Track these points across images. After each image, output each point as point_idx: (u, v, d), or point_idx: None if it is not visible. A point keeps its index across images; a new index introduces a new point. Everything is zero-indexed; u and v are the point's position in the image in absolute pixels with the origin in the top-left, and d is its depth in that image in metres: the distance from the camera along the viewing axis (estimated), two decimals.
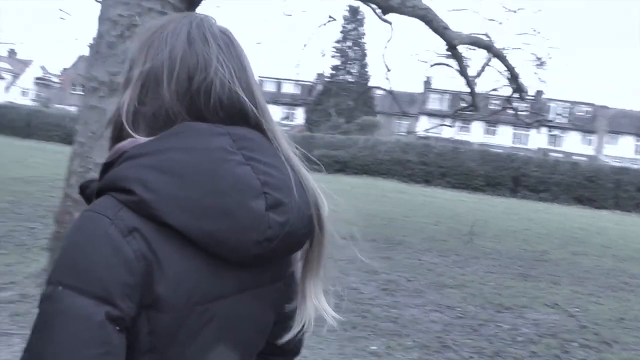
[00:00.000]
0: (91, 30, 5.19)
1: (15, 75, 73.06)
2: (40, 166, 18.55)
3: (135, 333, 0.93)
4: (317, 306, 1.15)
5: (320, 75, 60.25)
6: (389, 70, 10.55)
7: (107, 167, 1.00)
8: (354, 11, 53.61)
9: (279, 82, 63.15)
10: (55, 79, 74.75)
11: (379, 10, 8.33)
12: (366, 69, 56.34)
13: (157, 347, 0.95)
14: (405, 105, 49.31)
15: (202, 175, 0.94)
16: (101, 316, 0.88)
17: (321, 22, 10.67)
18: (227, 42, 1.07)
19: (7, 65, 72.74)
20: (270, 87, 63.65)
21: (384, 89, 12.14)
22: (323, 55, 15.52)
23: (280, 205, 0.99)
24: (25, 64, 76.19)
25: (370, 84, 43.56)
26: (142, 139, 1.01)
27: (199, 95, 1.02)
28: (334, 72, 57.06)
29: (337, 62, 56.89)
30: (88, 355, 0.87)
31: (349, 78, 55.52)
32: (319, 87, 57.52)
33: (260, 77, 64.90)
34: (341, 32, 56.23)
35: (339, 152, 35.23)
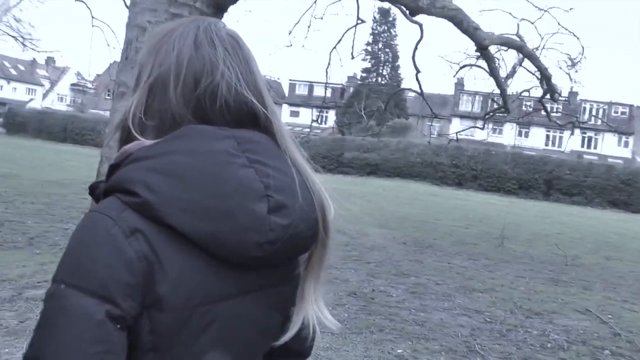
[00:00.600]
0: (123, 37, 5.26)
1: (53, 82, 74.66)
2: (75, 169, 18.92)
3: (137, 332, 0.94)
4: (315, 310, 1.14)
5: (351, 78, 60.20)
6: (419, 71, 10.44)
7: (113, 168, 1.02)
8: (384, 13, 53.42)
9: (310, 85, 63.20)
10: (90, 85, 75.99)
11: (407, 12, 8.28)
12: (398, 71, 56.18)
13: (159, 346, 0.96)
14: (437, 107, 48.90)
15: (204, 177, 0.96)
16: (102, 315, 0.89)
17: (351, 25, 10.61)
18: (234, 46, 1.08)
19: (45, 73, 74.44)
20: (301, 90, 63.77)
21: (414, 91, 12.04)
22: (353, 58, 15.49)
23: (283, 208, 1.00)
24: (62, 71, 77.69)
25: (402, 86, 43.34)
26: (147, 142, 1.03)
27: (205, 99, 1.03)
28: (365, 74, 56.97)
29: (368, 64, 56.81)
30: (88, 353, 0.88)
31: (381, 80, 55.37)
32: (350, 90, 57.44)
33: (291, 80, 65.10)
34: (371, 34, 56.12)
35: (370, 155, 35.18)
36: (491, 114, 11.87)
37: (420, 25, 9.46)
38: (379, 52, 57.05)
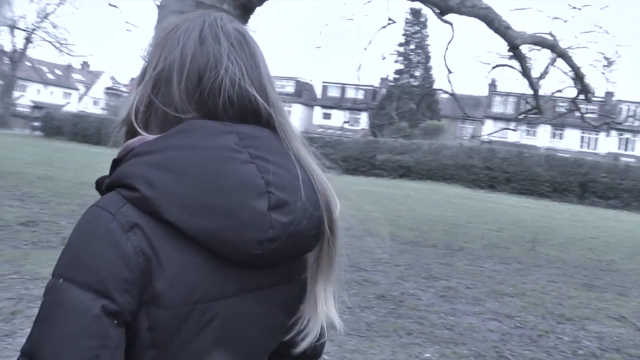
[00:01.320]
0: None
1: (88, 86, 76.10)
2: (107, 171, 19.12)
3: (135, 328, 0.94)
4: (325, 311, 1.13)
5: (384, 80, 60.01)
6: (450, 72, 10.38)
7: (116, 163, 1.03)
8: (416, 13, 53.15)
9: (342, 87, 63.16)
10: (124, 88, 77.24)
11: (438, 11, 8.21)
12: (430, 73, 55.80)
13: (158, 343, 0.96)
14: (470, 108, 48.59)
15: (204, 173, 0.95)
16: (97, 309, 0.89)
17: (382, 26, 10.58)
18: (240, 41, 1.08)
19: (80, 77, 75.94)
20: (334, 92, 63.73)
21: (446, 91, 11.97)
22: (383, 58, 15.38)
23: (284, 205, 0.99)
24: (97, 75, 79.17)
25: (434, 87, 43.07)
26: (150, 137, 1.02)
27: (209, 94, 1.02)
28: (397, 76, 56.73)
29: (400, 66, 56.55)
30: (84, 348, 0.88)
31: (413, 82, 55.07)
32: (383, 92, 57.25)
33: (324, 82, 65.09)
34: (403, 35, 55.85)
35: (402, 157, 35.00)
36: (524, 115, 11.71)
37: (452, 25, 9.38)
38: (411, 54, 56.75)
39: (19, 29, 43.26)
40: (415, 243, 11.11)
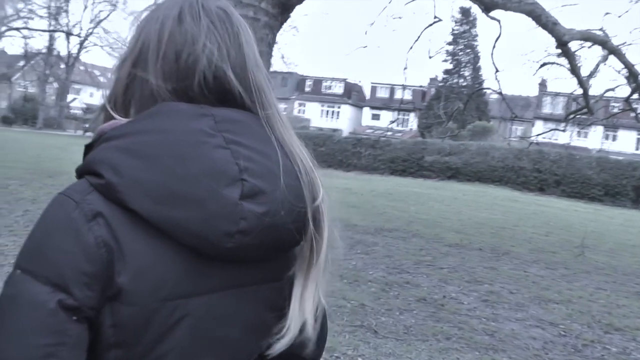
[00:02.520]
0: None
1: None
2: None
3: (99, 326, 0.88)
4: (301, 313, 1.02)
5: (432, 80, 59.39)
6: (497, 70, 10.15)
7: (88, 149, 0.97)
8: (465, 12, 52.39)
9: (391, 88, 62.74)
10: None
11: (484, 8, 8.04)
12: (479, 73, 54.95)
13: (123, 342, 0.89)
14: (520, 109, 47.69)
15: (173, 158, 0.88)
16: (53, 304, 0.84)
17: (428, 24, 10.43)
18: (222, 18, 1.01)
19: None
20: (383, 93, 63.39)
21: (493, 90, 11.72)
22: (430, 57, 15.19)
23: (259, 194, 0.91)
24: None
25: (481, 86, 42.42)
26: (122, 120, 0.97)
27: (186, 75, 0.96)
28: (446, 76, 56.07)
29: (449, 65, 55.87)
30: (37, 345, 0.83)
31: (462, 82, 54.33)
32: (432, 92, 56.66)
33: (373, 83, 64.79)
34: (452, 34, 55.15)
35: (451, 158, 34.59)
36: (572, 115, 11.39)
37: (499, 22, 9.17)
38: (460, 53, 56.01)
39: (73, 34, 44.89)
40: (460, 246, 10.95)
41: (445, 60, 55.50)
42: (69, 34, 45.49)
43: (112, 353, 0.90)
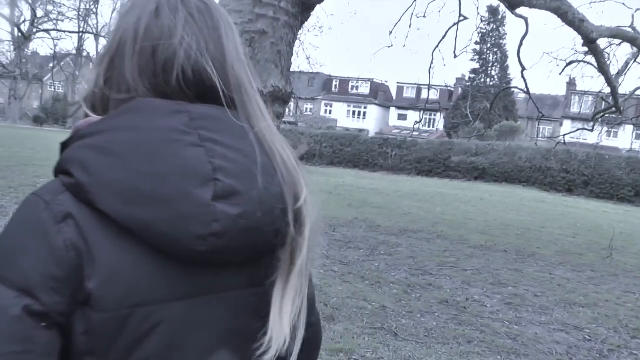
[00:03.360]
0: None
1: None
2: None
3: (70, 332, 0.85)
4: (282, 322, 0.96)
5: (459, 80, 58.89)
6: (524, 69, 9.97)
7: (63, 148, 0.94)
8: (493, 11, 51.80)
9: (418, 88, 62.31)
10: None
11: (508, 5, 7.91)
12: (507, 72, 54.33)
13: (95, 350, 0.86)
14: (548, 109, 47.02)
15: (143, 157, 0.85)
16: (19, 310, 0.80)
17: (454, 23, 10.31)
18: (202, 11, 0.98)
19: None
20: (409, 93, 63.03)
21: (520, 89, 11.54)
22: (455, 57, 14.95)
23: (233, 194, 0.87)
24: None
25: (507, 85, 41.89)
26: (96, 118, 0.94)
27: (162, 69, 0.93)
28: (473, 75, 55.56)
29: (476, 65, 55.37)
30: (2, 353, 0.79)
31: (489, 81, 53.79)
32: (459, 92, 56.19)
33: (399, 83, 64.47)
34: (479, 33, 54.59)
35: (477, 159, 34.25)
36: (601, 115, 11.17)
37: (526, 20, 9.02)
38: (488, 52, 55.44)
39: (102, 36, 45.61)
40: (485, 247, 10.83)
41: (473, 60, 55.04)
42: (97, 35, 46.26)
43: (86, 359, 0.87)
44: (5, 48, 49.57)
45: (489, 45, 55.33)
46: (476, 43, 54.39)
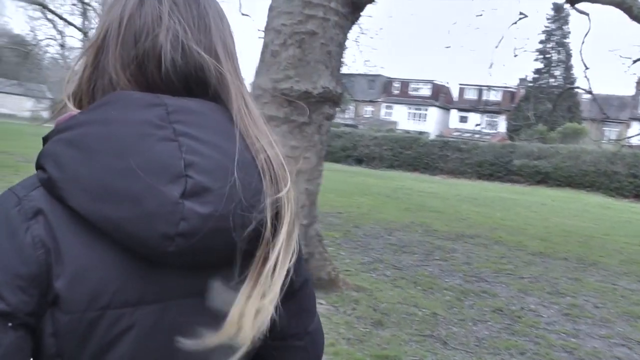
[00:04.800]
0: None
1: None
2: None
3: (40, 333, 0.81)
4: (235, 325, 0.87)
5: (522, 80, 57.59)
6: (587, 68, 9.65)
7: (44, 142, 0.90)
8: (558, 9, 50.39)
9: (479, 89, 61.32)
10: None
11: (567, 1, 7.61)
12: (571, 72, 52.77)
13: (64, 353, 0.82)
14: (615, 110, 45.61)
15: (113, 151, 0.81)
16: None
17: (513, 22, 10.06)
18: (187, 0, 0.94)
19: None
20: (471, 95, 62.08)
21: (582, 89, 11.18)
22: (515, 56, 14.63)
23: (203, 192, 0.82)
24: None
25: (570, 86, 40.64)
26: (75, 112, 0.90)
27: (145, 60, 0.89)
28: (536, 75, 54.24)
29: (540, 65, 54.01)
30: None
31: (552, 82, 52.38)
32: (522, 93, 54.97)
33: (461, 84, 63.57)
34: (543, 32, 53.20)
35: (540, 162, 33.46)
36: None
37: (588, 16, 8.70)
38: (552, 52, 53.99)
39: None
40: (544, 254, 10.50)
41: (536, 60, 53.72)
42: None
43: None
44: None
45: (552, 44, 53.89)
46: (540, 42, 53.15)
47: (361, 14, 5.94)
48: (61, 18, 23.46)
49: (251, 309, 0.87)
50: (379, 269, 8.01)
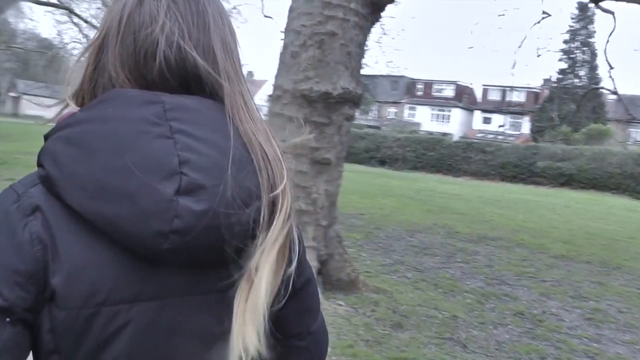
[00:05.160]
0: None
1: (254, 94, 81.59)
2: None
3: (38, 329, 0.83)
4: (241, 332, 0.87)
5: (546, 81, 56.91)
6: (611, 67, 9.49)
7: (45, 140, 0.90)
8: (582, 8, 49.68)
9: (503, 90, 60.77)
10: None
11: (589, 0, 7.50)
12: (596, 72, 51.97)
13: (61, 349, 0.83)
14: None
15: (109, 149, 0.81)
16: None
17: (536, 21, 9.95)
18: None
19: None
20: (494, 96, 61.58)
21: (608, 89, 11.01)
22: (538, 56, 14.42)
23: (198, 189, 0.82)
24: (259, 84, 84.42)
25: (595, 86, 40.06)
26: (75, 109, 0.91)
27: (143, 58, 0.90)
28: (561, 76, 53.54)
29: (564, 65, 53.29)
30: None
31: (577, 82, 51.64)
32: (546, 94, 54.34)
33: (484, 85, 63.07)
34: (568, 31, 52.49)
35: (564, 164, 33.04)
36: None
37: (613, 14, 8.56)
38: (576, 52, 53.24)
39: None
40: (567, 258, 10.37)
41: (561, 60, 53.04)
42: None
43: (54, 358, 0.84)
44: None
45: (577, 43, 53.18)
46: (564, 42, 52.48)
47: (382, 14, 5.92)
48: (86, 22, 23.76)
49: (251, 308, 0.87)
50: (400, 270, 7.98)
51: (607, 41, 8.81)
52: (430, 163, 37.65)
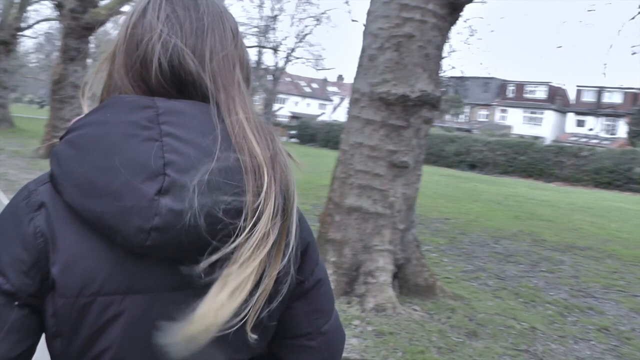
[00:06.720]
0: None
1: (342, 97, 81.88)
2: None
3: (44, 313, 0.92)
4: (201, 318, 0.87)
5: None
6: None
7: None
8: None
9: (599, 91, 58.22)
10: None
11: None
12: None
13: (62, 333, 0.92)
14: None
15: (101, 150, 0.88)
16: None
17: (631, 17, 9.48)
18: (187, 6, 0.99)
19: (335, 89, 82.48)
20: (589, 97, 59.15)
21: None
22: (633, 54, 13.55)
23: (179, 189, 0.86)
24: (348, 88, 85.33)
25: None
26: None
27: (142, 64, 0.96)
28: None
29: None
30: None
31: None
32: None
33: (578, 86, 60.70)
34: None
35: None
36: None
37: None
38: None
39: (279, 50, 48.68)
40: None
41: None
42: (275, 49, 49.44)
43: (57, 342, 0.93)
44: None
45: None
46: None
47: (460, 15, 5.81)
48: None
49: (217, 304, 0.87)
50: (481, 277, 7.82)
51: None
52: (521, 167, 36.57)
